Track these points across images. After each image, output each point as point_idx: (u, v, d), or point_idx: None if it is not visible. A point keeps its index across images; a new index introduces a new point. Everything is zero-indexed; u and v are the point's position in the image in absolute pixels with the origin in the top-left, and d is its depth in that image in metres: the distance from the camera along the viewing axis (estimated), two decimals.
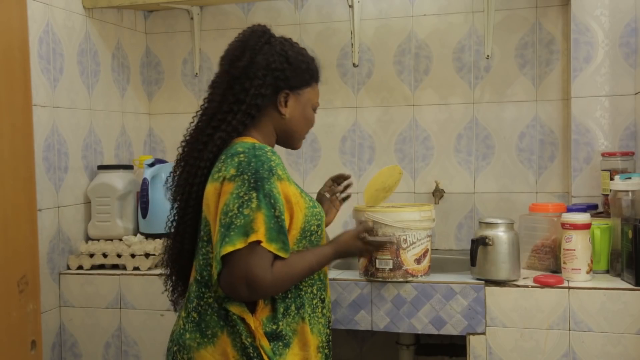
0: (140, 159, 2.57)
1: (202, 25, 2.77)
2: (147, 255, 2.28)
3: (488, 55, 2.41)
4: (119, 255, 2.31)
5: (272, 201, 1.41)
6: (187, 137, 1.59)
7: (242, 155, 1.44)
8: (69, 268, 2.34)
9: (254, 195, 1.40)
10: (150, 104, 2.88)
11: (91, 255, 2.32)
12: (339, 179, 1.90)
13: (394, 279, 1.93)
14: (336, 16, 2.65)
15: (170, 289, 1.65)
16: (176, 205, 1.56)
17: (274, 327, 1.48)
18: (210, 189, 1.47)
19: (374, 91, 2.64)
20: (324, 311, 1.60)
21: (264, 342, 1.45)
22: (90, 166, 2.47)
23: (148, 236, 2.40)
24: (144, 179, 2.38)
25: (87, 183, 2.45)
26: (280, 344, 1.48)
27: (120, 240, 2.39)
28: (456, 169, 2.57)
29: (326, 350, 1.59)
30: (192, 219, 1.53)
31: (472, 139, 2.55)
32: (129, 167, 2.51)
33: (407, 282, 1.94)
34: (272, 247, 1.41)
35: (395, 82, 2.61)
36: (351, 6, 2.42)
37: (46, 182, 2.23)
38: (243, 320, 1.46)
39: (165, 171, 2.43)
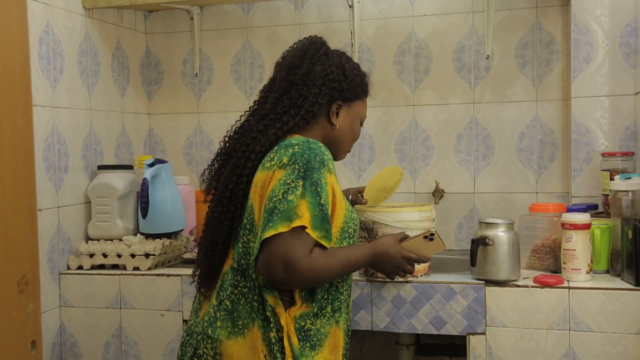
0: (140, 159, 2.57)
1: (202, 25, 2.77)
2: (147, 255, 2.28)
3: (488, 55, 2.41)
4: (119, 255, 2.31)
5: (319, 189, 1.42)
6: (232, 134, 1.60)
7: (296, 146, 1.47)
8: (69, 268, 2.34)
9: (301, 183, 1.41)
10: (150, 104, 2.88)
11: (91, 255, 2.32)
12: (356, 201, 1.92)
13: (394, 279, 1.92)
14: (336, 16, 2.65)
15: (205, 277, 1.59)
16: (219, 196, 1.54)
17: (305, 325, 1.47)
18: (260, 176, 1.47)
19: (374, 91, 2.62)
20: (348, 317, 1.61)
21: (294, 339, 1.44)
22: (90, 166, 2.47)
23: (148, 236, 2.40)
24: (144, 179, 2.38)
25: (87, 183, 2.45)
26: (308, 345, 1.47)
27: (120, 240, 2.39)
28: (456, 169, 2.57)
29: (346, 358, 1.60)
30: (240, 208, 1.52)
31: (472, 139, 2.55)
32: (129, 167, 2.51)
33: (407, 282, 1.95)
34: (316, 234, 1.41)
35: (395, 82, 2.61)
36: (351, 6, 2.42)
37: (46, 182, 2.23)
38: (276, 314, 1.45)
39: (165, 171, 2.43)
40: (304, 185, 1.41)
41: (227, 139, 1.60)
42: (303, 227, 1.39)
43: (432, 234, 1.66)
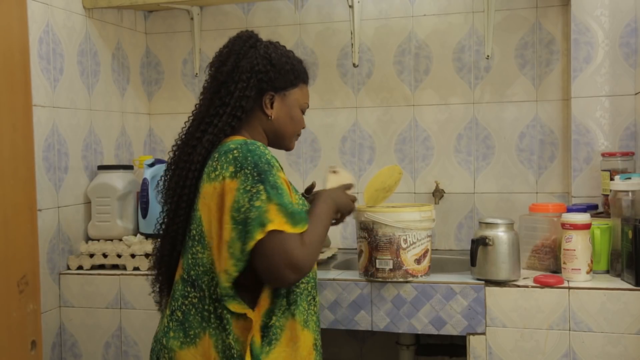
0: (140, 159, 2.57)
1: (202, 26, 2.77)
2: (147, 255, 2.28)
3: (488, 56, 2.41)
4: (119, 256, 2.31)
5: (280, 191, 1.43)
6: (178, 142, 1.60)
7: (235, 151, 1.45)
8: (69, 268, 2.34)
9: (261, 187, 1.41)
10: (150, 104, 2.88)
11: (91, 256, 2.32)
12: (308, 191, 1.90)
13: (394, 279, 1.93)
14: (336, 16, 2.65)
15: (157, 289, 1.64)
16: (167, 208, 1.57)
17: (267, 321, 1.48)
18: (208, 189, 1.47)
19: (374, 91, 2.64)
20: (316, 309, 1.61)
21: (257, 338, 1.45)
22: (90, 166, 2.47)
23: (148, 236, 2.40)
24: (144, 179, 2.38)
25: (87, 183, 2.45)
26: (266, 341, 1.47)
27: (120, 240, 2.40)
28: (456, 169, 2.57)
29: (321, 349, 1.61)
30: (184, 220, 1.53)
31: (472, 139, 2.55)
32: (129, 167, 2.51)
33: (407, 282, 1.94)
34: (299, 229, 1.43)
35: (395, 82, 2.61)
36: (351, 6, 2.42)
37: (46, 182, 2.23)
38: (237, 318, 1.45)
39: None
40: (266, 189, 1.41)
41: (174, 148, 1.60)
42: (280, 231, 1.40)
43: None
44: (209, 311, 1.48)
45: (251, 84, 1.55)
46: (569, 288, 1.85)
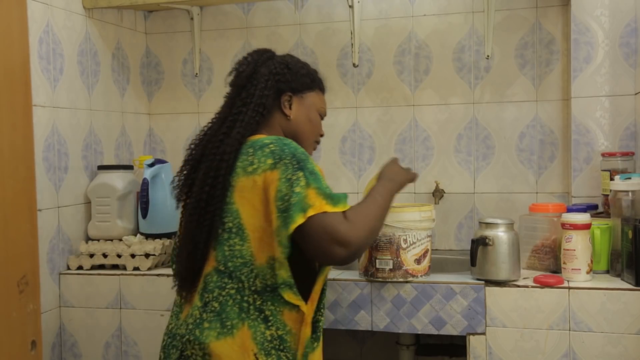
0: (140, 159, 2.57)
1: (202, 26, 2.77)
2: (147, 255, 2.28)
3: (488, 56, 2.41)
4: (119, 256, 2.31)
5: (317, 177, 1.47)
6: (196, 141, 1.63)
7: (271, 145, 1.51)
8: (69, 268, 2.34)
9: (301, 174, 1.45)
10: (150, 104, 2.88)
11: (91, 256, 2.32)
12: None
13: (394, 279, 1.93)
14: (336, 16, 2.65)
15: (182, 282, 1.60)
16: (196, 199, 1.55)
17: (315, 316, 1.54)
18: (245, 182, 1.49)
19: (374, 91, 2.64)
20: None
21: (308, 332, 1.50)
22: (90, 166, 2.47)
23: (148, 236, 2.40)
24: (144, 179, 2.38)
25: (87, 183, 2.45)
26: (315, 335, 1.54)
27: (120, 240, 2.40)
28: (456, 169, 2.57)
29: None
30: (218, 209, 1.53)
31: (472, 139, 2.55)
32: (129, 167, 2.51)
33: (407, 282, 1.95)
34: (340, 208, 1.45)
35: (395, 82, 2.61)
36: (351, 6, 2.42)
37: (46, 182, 2.23)
38: (290, 310, 1.49)
39: (165, 171, 2.43)
40: (305, 175, 1.45)
41: (193, 146, 1.63)
42: (323, 212, 1.42)
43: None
44: (248, 302, 1.49)
45: (269, 85, 1.63)
46: (569, 288, 1.85)
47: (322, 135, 1.76)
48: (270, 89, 1.62)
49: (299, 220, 1.41)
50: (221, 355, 1.47)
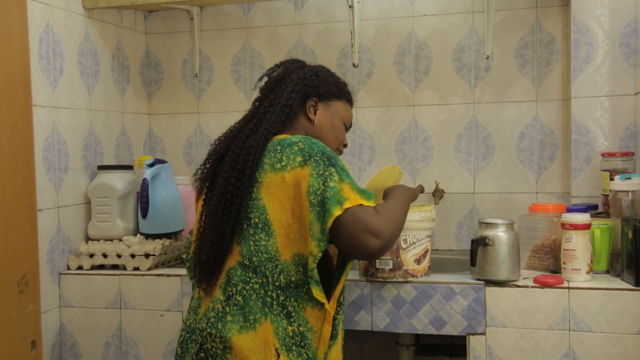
0: (140, 159, 2.57)
1: (202, 26, 2.77)
2: (147, 255, 2.28)
3: (488, 56, 2.41)
4: (119, 256, 2.31)
5: (348, 173, 1.51)
6: (222, 137, 1.66)
7: (300, 143, 1.53)
8: (69, 268, 2.34)
9: (333, 170, 1.48)
10: (150, 104, 2.88)
11: (91, 256, 2.32)
12: None
13: (394, 279, 1.93)
14: (336, 16, 2.65)
15: (208, 273, 1.58)
16: (221, 190, 1.56)
17: (335, 315, 1.57)
18: (274, 179, 1.51)
19: (374, 91, 2.64)
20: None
21: (328, 330, 1.53)
22: (90, 166, 2.47)
23: (148, 236, 2.40)
24: (144, 179, 2.38)
25: (87, 183, 2.45)
26: (334, 332, 1.56)
27: (120, 240, 2.39)
28: (456, 169, 2.57)
29: None
30: (244, 202, 1.53)
31: (472, 139, 2.55)
32: (129, 167, 2.51)
33: (407, 282, 1.95)
34: (371, 203, 1.49)
35: (395, 82, 2.61)
36: (351, 6, 2.42)
37: (46, 182, 2.23)
38: (313, 307, 1.51)
39: (165, 171, 2.43)
40: (337, 171, 1.48)
41: (218, 141, 1.67)
42: (359, 205, 1.46)
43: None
44: (271, 297, 1.50)
45: (297, 89, 1.68)
46: (569, 288, 1.85)
47: (345, 145, 1.80)
48: (298, 92, 1.67)
49: (337, 212, 1.43)
50: (242, 349, 1.48)
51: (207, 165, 1.65)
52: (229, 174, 1.55)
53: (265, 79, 1.76)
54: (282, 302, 1.50)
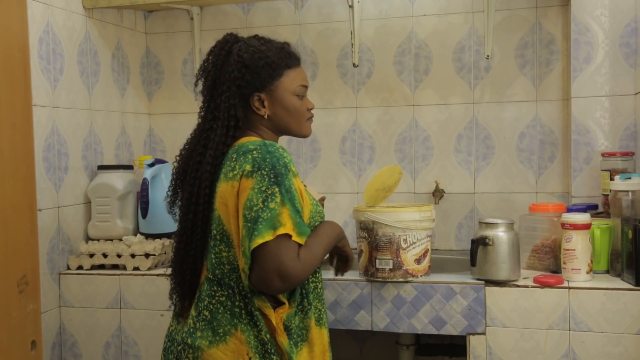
0: (140, 159, 2.57)
1: (202, 25, 2.77)
2: (147, 255, 2.28)
3: (488, 56, 2.41)
4: (119, 256, 2.31)
5: (292, 197, 1.45)
6: (183, 152, 1.62)
7: (254, 152, 1.47)
8: (69, 268, 2.34)
9: (277, 189, 1.43)
10: (150, 104, 2.88)
11: (91, 255, 2.32)
12: None
13: (394, 279, 1.93)
14: (336, 16, 2.65)
15: (181, 294, 1.62)
16: (185, 211, 1.56)
17: (289, 325, 1.51)
18: (226, 188, 1.48)
19: (374, 91, 2.64)
20: (322, 309, 1.63)
21: (284, 339, 1.48)
22: (90, 166, 2.47)
23: (148, 236, 2.40)
24: (144, 179, 2.38)
25: (87, 183, 2.45)
26: (292, 342, 1.51)
27: (120, 240, 2.39)
28: (456, 169, 2.57)
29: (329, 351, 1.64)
30: (205, 220, 1.53)
31: (472, 139, 2.55)
32: (129, 167, 2.51)
33: (407, 282, 1.95)
34: (300, 239, 1.44)
35: (395, 82, 2.61)
36: (351, 6, 2.42)
37: (46, 182, 2.23)
38: (265, 315, 1.48)
39: (165, 171, 2.43)
40: (281, 192, 1.43)
41: (178, 158, 1.63)
42: (289, 236, 1.42)
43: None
44: (239, 307, 1.50)
45: (232, 93, 1.56)
46: (569, 288, 1.85)
47: (310, 109, 1.65)
48: (235, 97, 1.55)
49: (268, 237, 1.40)
50: None
51: (171, 188, 1.62)
52: (190, 193, 1.54)
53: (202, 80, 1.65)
54: (249, 310, 1.49)
